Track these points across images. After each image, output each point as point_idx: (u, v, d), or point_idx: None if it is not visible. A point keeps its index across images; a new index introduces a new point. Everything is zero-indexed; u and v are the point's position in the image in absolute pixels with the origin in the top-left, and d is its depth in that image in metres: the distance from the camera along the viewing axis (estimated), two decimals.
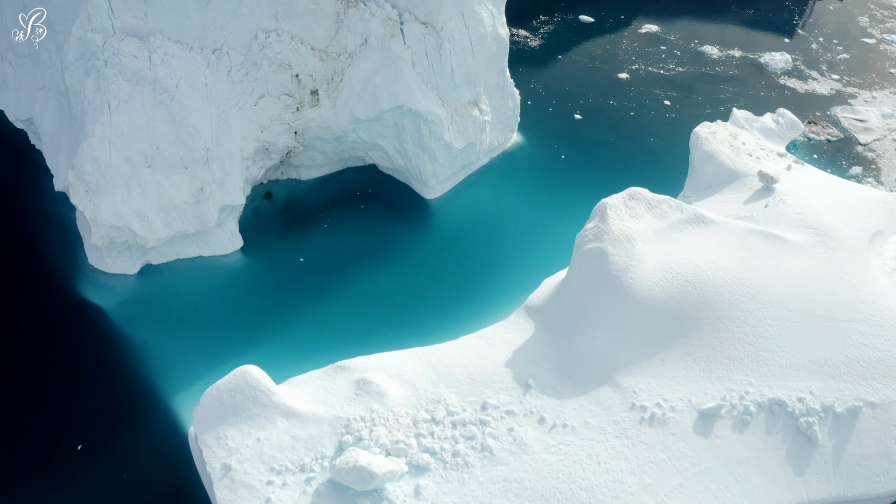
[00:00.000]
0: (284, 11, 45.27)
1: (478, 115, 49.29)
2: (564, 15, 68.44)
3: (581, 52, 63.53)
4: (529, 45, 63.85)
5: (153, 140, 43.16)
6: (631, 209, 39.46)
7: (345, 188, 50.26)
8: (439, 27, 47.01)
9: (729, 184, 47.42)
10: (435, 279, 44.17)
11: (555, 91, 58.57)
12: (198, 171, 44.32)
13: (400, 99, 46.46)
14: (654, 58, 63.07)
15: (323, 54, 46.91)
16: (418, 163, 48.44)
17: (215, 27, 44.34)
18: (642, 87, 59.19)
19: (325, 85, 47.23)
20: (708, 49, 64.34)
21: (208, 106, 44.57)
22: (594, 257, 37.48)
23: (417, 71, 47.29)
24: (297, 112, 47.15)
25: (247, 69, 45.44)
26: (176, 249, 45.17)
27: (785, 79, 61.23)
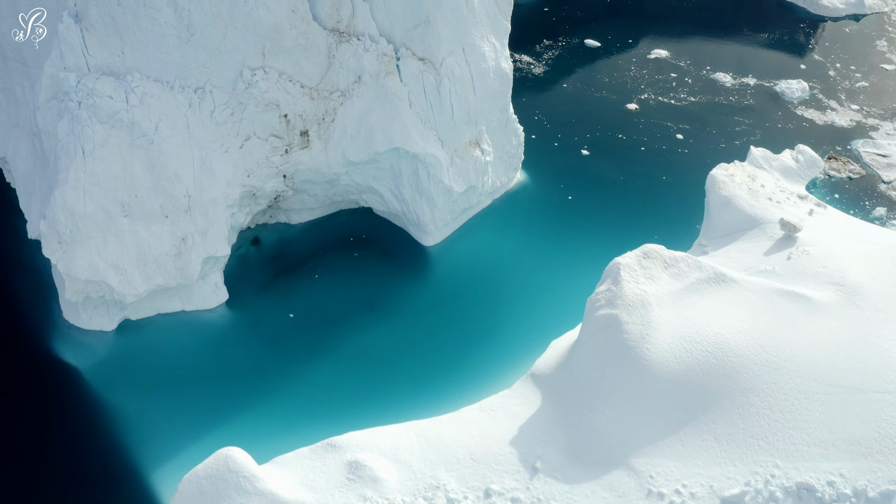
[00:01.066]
0: (272, 47, 42.86)
1: (479, 155, 46.89)
2: (569, 39, 65.92)
3: (587, 79, 61.07)
4: (533, 72, 61.40)
5: (131, 187, 41.00)
6: (646, 269, 37.12)
7: (337, 233, 47.87)
8: (438, 63, 44.60)
9: (748, 231, 45.04)
10: (433, 336, 41.87)
11: (560, 123, 56.15)
12: (179, 221, 42.04)
13: (396, 140, 44.05)
14: (664, 86, 60.62)
15: (313, 93, 44.48)
16: (415, 208, 46.03)
17: (197, 65, 42.01)
18: (653, 119, 56.78)
19: (315, 125, 44.79)
20: (721, 76, 61.90)
21: (190, 149, 42.25)
22: (607, 325, 35.15)
23: (415, 110, 44.89)
24: (286, 154, 44.73)
25: (232, 109, 43.07)
26: (156, 304, 42.83)
27: (802, 109, 58.86)
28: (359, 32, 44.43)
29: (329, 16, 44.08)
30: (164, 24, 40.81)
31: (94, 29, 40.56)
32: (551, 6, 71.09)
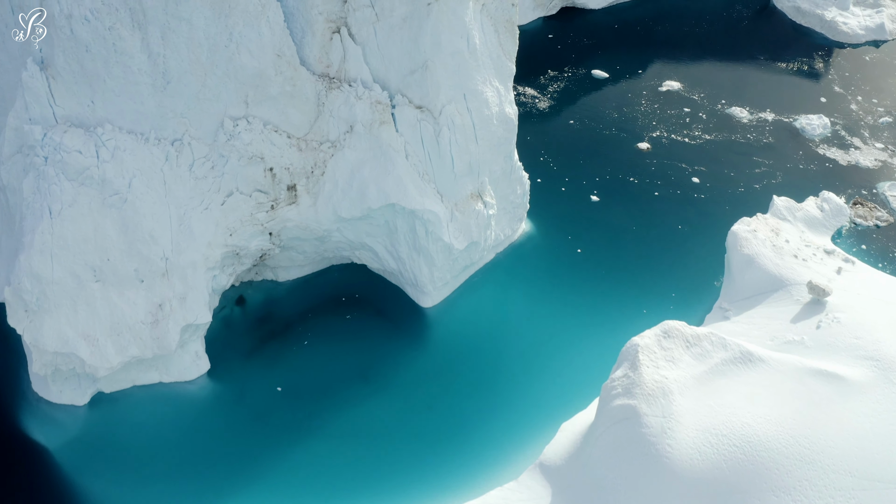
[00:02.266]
0: (256, 95, 39.89)
1: (482, 209, 43.87)
2: (575, 69, 62.76)
3: (595, 114, 57.99)
4: (538, 106, 58.31)
5: (102, 250, 38.22)
6: (666, 350, 34.17)
7: (328, 292, 44.87)
8: (437, 112, 41.60)
9: (773, 293, 42.16)
10: (432, 412, 38.99)
11: (568, 164, 53.13)
12: (155, 285, 39.13)
13: (391, 196, 41.04)
14: (677, 122, 57.56)
15: (301, 143, 41.48)
16: (413, 267, 43.02)
17: (174, 115, 39.08)
18: (666, 160, 53.75)
19: (303, 179, 41.78)
20: (737, 111, 58.83)
21: (167, 208, 39.33)
22: (624, 417, 32.24)
23: (412, 162, 41.89)
24: (272, 211, 41.73)
25: (212, 163, 40.12)
26: (132, 375, 39.99)
27: (824, 148, 55.86)
28: (351, 78, 41.43)
29: (318, 60, 41.08)
30: (138, 71, 37.80)
31: (61, 77, 37.56)
32: (555, 32, 67.96)
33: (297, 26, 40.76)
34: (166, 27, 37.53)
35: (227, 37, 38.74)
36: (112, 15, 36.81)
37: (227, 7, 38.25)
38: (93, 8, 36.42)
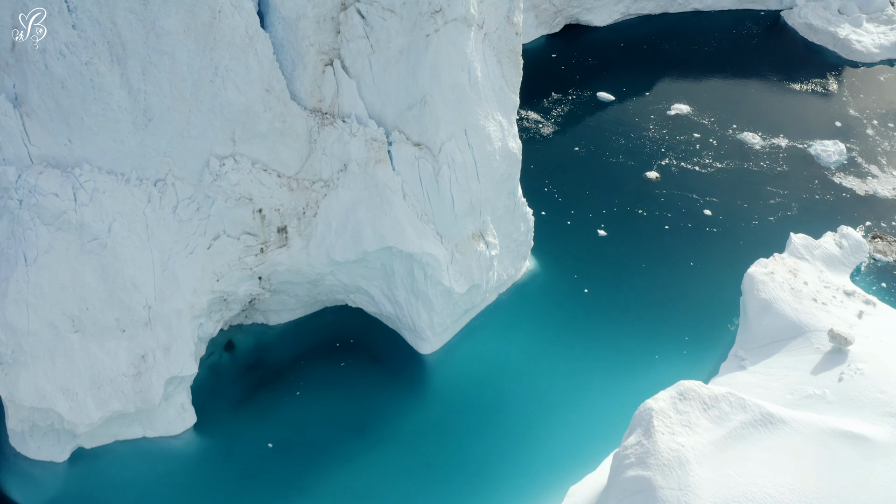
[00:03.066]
0: (243, 132, 37.68)
1: (483, 249, 41.66)
2: (580, 92, 60.50)
3: (602, 141, 55.75)
4: (541, 132, 56.07)
5: (81, 299, 36.10)
6: (682, 414, 31.92)
7: (322, 336, 42.63)
8: (436, 149, 39.42)
9: (791, 341, 39.99)
10: (432, 469, 36.87)
11: (573, 195, 50.90)
12: (138, 336, 37.01)
13: (388, 238, 38.84)
14: (686, 149, 55.30)
15: (292, 183, 39.27)
16: (411, 311, 40.81)
17: (157, 154, 36.91)
18: (676, 191, 51.51)
19: (295, 220, 39.57)
20: (749, 137, 56.58)
21: (150, 253, 37.20)
22: (638, 489, 30.05)
23: (409, 202, 39.68)
24: (262, 254, 39.54)
25: (198, 204, 37.92)
26: (113, 430, 37.91)
27: (840, 176, 53.66)
28: (344, 113, 39.22)
29: (310, 94, 38.87)
30: (117, 108, 35.60)
31: (35, 114, 35.37)
32: (559, 51, 65.77)
33: (287, 58, 38.58)
34: (147, 61, 35.33)
35: (212, 71, 36.55)
36: (89, 49, 34.61)
37: (213, 39, 36.06)
38: (68, 42, 34.22)
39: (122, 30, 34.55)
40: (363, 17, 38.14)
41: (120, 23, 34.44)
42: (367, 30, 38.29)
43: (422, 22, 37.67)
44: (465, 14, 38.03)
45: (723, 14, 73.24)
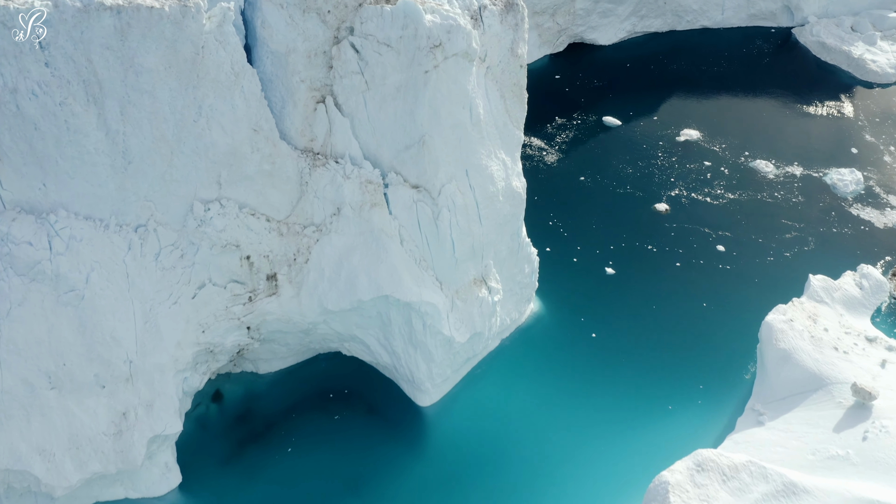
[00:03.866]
0: (230, 175, 35.28)
1: (486, 295, 39.26)
2: (585, 116, 57.99)
3: (608, 169, 53.28)
4: (545, 160, 53.59)
5: (58, 354, 33.78)
6: (700, 487, 29.53)
7: (314, 386, 40.18)
8: (436, 192, 37.00)
9: (812, 394, 37.65)
10: None
11: (579, 229, 48.47)
12: (118, 392, 34.67)
13: (384, 287, 36.43)
14: (697, 178, 52.82)
15: (282, 227, 36.85)
16: (409, 362, 38.40)
17: (137, 198, 34.50)
18: (687, 225, 49.07)
19: (285, 267, 37.16)
20: (762, 165, 54.10)
21: (130, 304, 34.80)
22: None
23: (407, 248, 37.29)
24: (250, 303, 37.13)
25: (181, 251, 35.53)
26: (94, 492, 35.68)
27: (858, 207, 51.19)
28: (337, 154, 36.80)
29: (301, 133, 36.46)
30: (94, 150, 33.15)
31: (7, 158, 32.86)
32: (563, 71, 63.30)
33: (276, 95, 36.17)
34: (126, 101, 32.86)
35: (195, 110, 34.12)
36: (63, 88, 32.12)
37: (196, 77, 33.63)
38: (41, 81, 31.74)
39: (98, 67, 32.11)
40: (357, 51, 35.73)
41: (96, 60, 32.00)
42: (362, 65, 35.87)
43: (420, 57, 35.23)
44: (466, 48, 35.59)
45: (732, 31, 70.84)
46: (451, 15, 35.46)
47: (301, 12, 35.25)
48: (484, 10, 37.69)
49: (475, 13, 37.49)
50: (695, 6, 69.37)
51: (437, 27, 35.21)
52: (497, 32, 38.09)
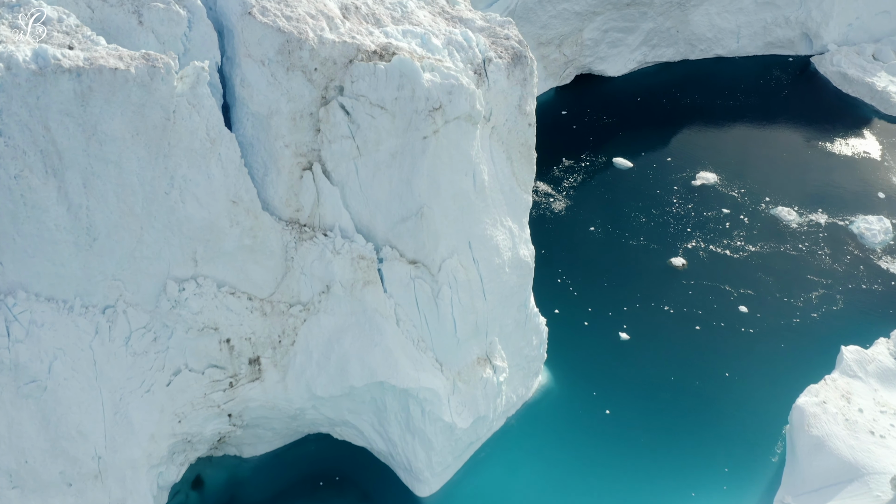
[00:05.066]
0: (207, 251, 31.61)
1: (490, 375, 35.64)
2: (594, 157, 54.24)
3: (620, 218, 49.54)
4: (553, 207, 49.88)
5: (19, 451, 30.10)
6: None
7: (303, 471, 36.43)
8: (436, 267, 33.37)
9: (847, 485, 34.07)
10: None
11: (590, 289, 44.80)
12: (87, 491, 31.12)
13: (379, 372, 32.85)
14: (715, 228, 49.07)
15: (266, 306, 33.17)
16: (406, 450, 34.79)
17: (104, 277, 30.83)
18: (705, 281, 45.37)
19: (269, 350, 33.52)
20: (783, 212, 50.33)
21: (98, 394, 31.23)
22: None
23: (404, 328, 33.68)
24: (231, 389, 33.50)
25: (154, 334, 31.91)
26: None
27: (888, 260, 47.42)
28: (326, 226, 33.13)
29: (285, 203, 32.78)
30: (55, 227, 29.50)
31: None
32: (570, 106, 59.55)
33: (257, 161, 32.50)
34: (89, 172, 29.21)
35: (167, 182, 30.44)
36: (18, 160, 28.43)
37: (167, 145, 29.95)
38: None
39: (57, 136, 28.46)
40: (348, 113, 32.04)
41: (55, 128, 28.34)
42: (353, 128, 32.17)
43: (417, 121, 31.55)
44: (469, 111, 31.93)
45: (748, 60, 67.13)
46: (452, 73, 31.77)
47: (285, 70, 31.57)
48: (489, 64, 34.02)
49: (479, 67, 33.81)
50: (709, 34, 65.64)
51: (437, 88, 31.54)
52: (503, 88, 34.41)
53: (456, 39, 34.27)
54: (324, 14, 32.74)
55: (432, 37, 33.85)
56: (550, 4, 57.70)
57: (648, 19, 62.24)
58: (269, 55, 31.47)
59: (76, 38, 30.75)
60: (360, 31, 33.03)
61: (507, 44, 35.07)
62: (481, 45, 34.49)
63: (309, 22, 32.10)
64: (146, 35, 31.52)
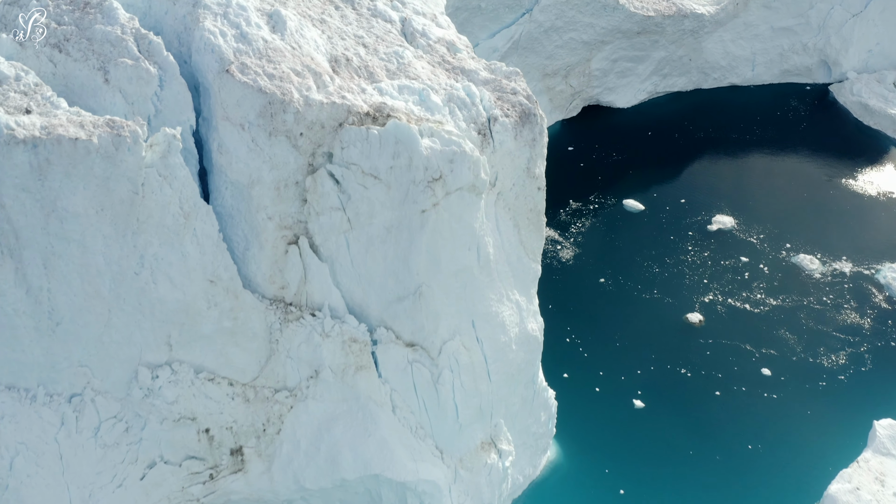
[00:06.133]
0: (182, 335, 28.43)
1: (495, 460, 32.45)
2: (604, 198, 50.88)
3: (632, 268, 46.14)
4: (560, 256, 46.61)
5: None
6: None
7: None
8: (435, 350, 30.19)
9: None
10: None
11: (601, 349, 41.54)
12: None
13: (373, 464, 29.67)
14: (734, 279, 45.73)
15: (249, 392, 29.97)
16: None
17: (70, 364, 27.83)
18: (724, 340, 42.13)
19: (252, 439, 30.28)
20: (805, 261, 47.00)
21: (65, 490, 28.49)
22: None
23: (401, 415, 30.52)
24: (212, 481, 30.27)
25: (126, 424, 28.81)
26: None
27: None
28: (315, 305, 29.87)
29: (269, 280, 29.50)
30: (13, 311, 26.46)
31: None
32: (577, 141, 56.09)
33: (237, 234, 29.24)
34: (49, 252, 26.08)
35: (136, 261, 27.25)
36: None
37: (135, 221, 26.77)
38: None
39: (12, 213, 25.37)
40: (338, 182, 28.79)
41: (10, 204, 25.25)
42: (343, 199, 28.89)
43: (415, 193, 28.30)
44: (472, 181, 28.65)
45: (763, 89, 63.63)
46: (453, 139, 28.49)
47: (267, 135, 28.26)
48: (494, 124, 30.71)
49: (483, 127, 30.52)
50: (723, 62, 62.27)
51: (437, 156, 28.26)
52: (510, 150, 31.08)
53: (458, 95, 30.97)
54: (311, 70, 29.46)
55: (431, 93, 30.57)
56: (557, 34, 54.45)
57: (660, 48, 58.90)
58: (249, 118, 28.19)
59: (35, 100, 27.60)
60: (351, 89, 29.74)
61: (515, 99, 31.77)
62: (486, 102, 31.20)
63: (294, 80, 28.82)
64: (112, 94, 28.33)
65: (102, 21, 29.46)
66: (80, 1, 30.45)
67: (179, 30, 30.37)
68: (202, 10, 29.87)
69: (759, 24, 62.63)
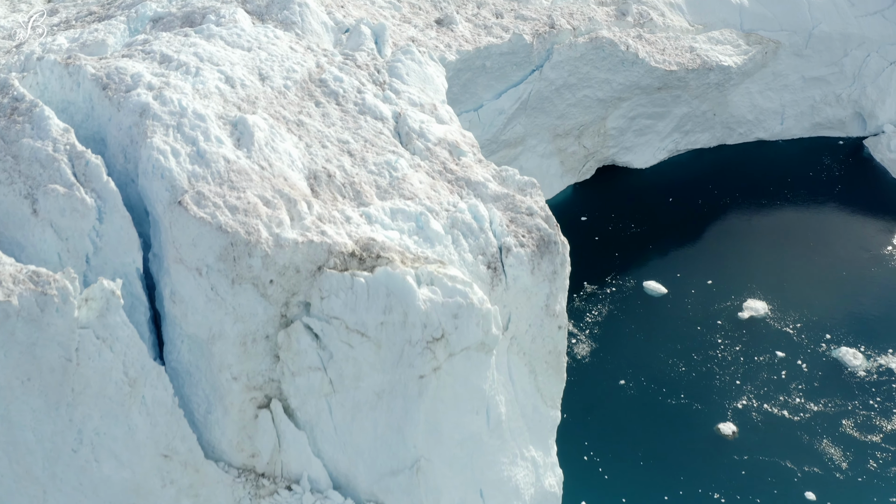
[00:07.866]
0: None
1: None
2: (622, 280, 45.57)
3: (655, 366, 40.79)
4: (575, 352, 41.31)
5: None
6: None
7: None
8: None
9: None
10: None
11: (623, 468, 36.06)
12: None
13: None
14: (770, 379, 40.32)
15: None
16: None
17: None
18: (762, 456, 36.92)
19: None
20: (848, 356, 41.72)
21: None
22: None
23: None
24: None
25: None
26: None
27: None
28: (292, 476, 24.85)
29: (237, 447, 24.58)
30: None
31: None
32: (591, 210, 50.47)
33: (197, 395, 24.34)
34: None
35: (74, 437, 22.37)
36: None
37: (70, 392, 21.89)
38: None
39: None
40: (317, 337, 23.70)
41: None
42: (324, 357, 23.84)
43: (412, 355, 23.20)
44: (482, 338, 23.57)
45: (792, 144, 58.19)
46: (458, 287, 23.35)
47: (229, 282, 23.22)
48: (507, 255, 25.61)
49: (493, 259, 25.40)
50: (749, 116, 56.93)
51: (438, 310, 23.17)
52: (526, 286, 26.00)
53: (463, 219, 25.87)
54: (283, 195, 24.29)
55: (431, 218, 25.44)
56: (570, 92, 49.14)
57: (682, 103, 53.51)
58: (207, 262, 23.14)
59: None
60: (332, 218, 24.58)
61: (531, 223, 26.61)
62: (496, 226, 26.08)
63: (262, 213, 23.66)
64: (42, 229, 23.28)
65: (31, 133, 24.43)
66: (6, 105, 25.44)
67: (125, 143, 25.29)
68: (151, 120, 24.83)
69: (789, 73, 57.20)
